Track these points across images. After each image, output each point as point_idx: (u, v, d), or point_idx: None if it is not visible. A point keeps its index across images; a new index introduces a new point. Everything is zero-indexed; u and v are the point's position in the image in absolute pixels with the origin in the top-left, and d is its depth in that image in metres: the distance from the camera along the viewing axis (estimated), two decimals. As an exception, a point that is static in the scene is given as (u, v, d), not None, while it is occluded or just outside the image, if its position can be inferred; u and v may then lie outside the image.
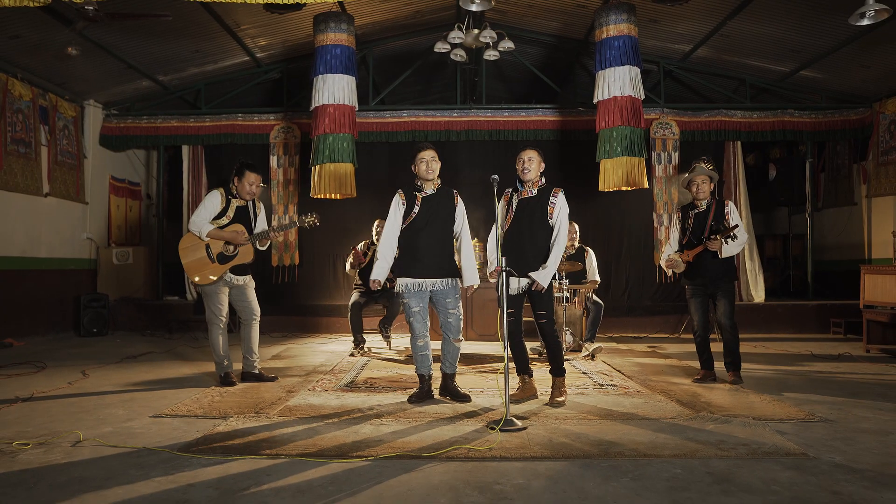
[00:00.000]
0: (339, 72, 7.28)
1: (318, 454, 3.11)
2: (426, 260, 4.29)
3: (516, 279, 4.21)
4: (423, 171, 4.34)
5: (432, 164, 4.34)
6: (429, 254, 4.30)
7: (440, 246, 4.34)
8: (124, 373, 5.56)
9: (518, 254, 4.19)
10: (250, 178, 4.88)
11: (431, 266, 4.30)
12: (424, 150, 4.36)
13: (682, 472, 2.85)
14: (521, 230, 4.29)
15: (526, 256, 4.23)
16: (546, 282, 4.18)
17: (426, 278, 4.31)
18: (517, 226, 4.32)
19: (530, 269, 4.20)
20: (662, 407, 4.14)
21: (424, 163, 4.33)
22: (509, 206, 4.40)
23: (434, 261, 4.31)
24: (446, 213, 4.37)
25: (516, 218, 4.34)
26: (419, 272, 4.29)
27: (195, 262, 4.83)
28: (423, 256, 4.29)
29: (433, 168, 4.35)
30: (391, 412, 4.01)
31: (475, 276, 4.43)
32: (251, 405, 4.18)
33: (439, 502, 2.51)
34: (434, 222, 4.33)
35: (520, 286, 4.27)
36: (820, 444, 3.30)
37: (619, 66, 7.17)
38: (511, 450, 3.16)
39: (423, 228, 4.31)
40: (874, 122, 9.16)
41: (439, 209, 4.36)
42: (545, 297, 4.27)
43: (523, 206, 4.34)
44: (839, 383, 5.03)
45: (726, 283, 4.90)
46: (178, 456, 3.10)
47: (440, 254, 4.34)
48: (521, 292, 4.31)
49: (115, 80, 8.79)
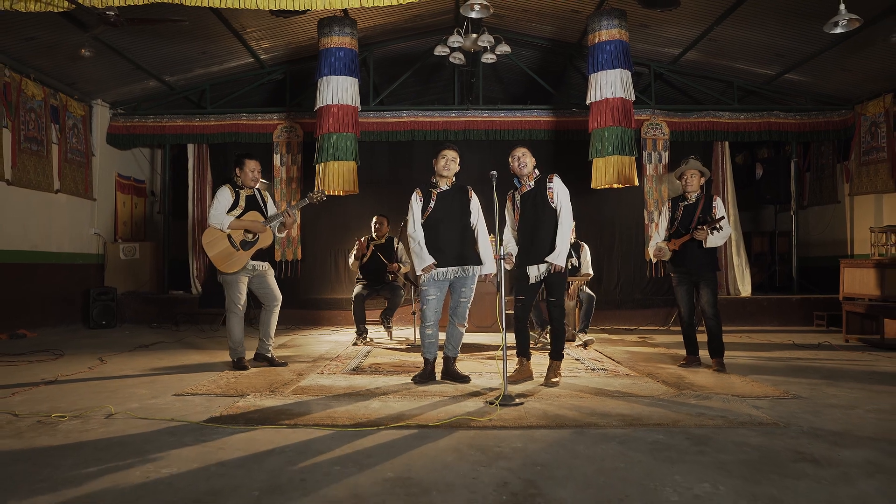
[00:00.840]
0: (342, 73, 7.58)
1: (333, 424, 3.41)
2: (447, 251, 4.61)
3: (534, 267, 4.57)
4: (441, 166, 4.64)
5: (451, 163, 4.64)
6: (449, 245, 4.61)
7: (459, 237, 4.65)
8: (140, 359, 5.84)
9: (533, 244, 4.57)
10: (250, 165, 5.21)
11: (450, 257, 4.62)
12: (447, 149, 4.67)
13: (665, 437, 3.17)
14: (530, 222, 4.64)
15: (540, 245, 4.58)
16: (562, 261, 4.52)
17: (448, 267, 4.62)
18: (525, 219, 4.67)
19: (546, 255, 4.55)
20: (649, 387, 4.45)
21: (444, 159, 4.63)
22: (514, 204, 4.75)
23: (455, 251, 4.62)
24: (461, 207, 4.68)
25: (523, 213, 4.68)
26: (441, 262, 4.60)
27: (221, 254, 5.13)
28: (443, 247, 4.61)
29: (451, 167, 4.64)
30: (397, 391, 4.31)
31: (492, 265, 4.72)
32: (266, 385, 4.48)
33: (445, 460, 2.81)
34: (450, 216, 4.64)
35: (539, 273, 4.61)
36: (790, 415, 3.62)
37: (610, 69, 7.50)
38: (509, 420, 3.46)
39: (441, 222, 4.63)
40: (856, 124, 9.52)
41: (454, 204, 4.67)
42: (558, 285, 4.61)
43: (526, 200, 4.68)
44: (816, 369, 5.36)
45: (709, 272, 5.23)
46: (205, 426, 3.40)
47: (460, 244, 4.64)
48: (539, 280, 4.65)
49: (122, 81, 9.06)
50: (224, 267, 5.11)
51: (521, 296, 4.68)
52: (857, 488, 2.45)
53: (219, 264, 5.12)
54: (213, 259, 5.13)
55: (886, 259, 6.93)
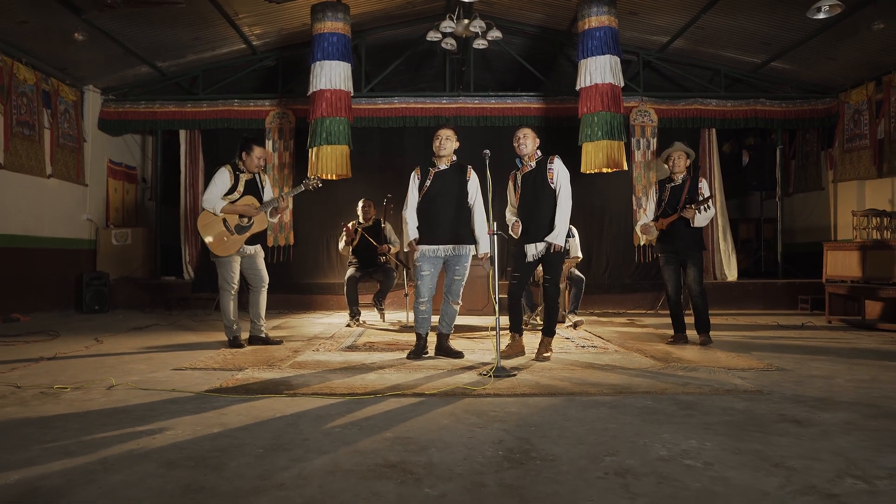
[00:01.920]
0: (335, 58, 7.64)
1: (332, 393, 3.50)
2: (441, 228, 4.69)
3: (532, 245, 4.69)
4: (436, 147, 4.74)
5: (445, 142, 4.72)
6: (443, 223, 4.70)
7: (454, 215, 4.72)
8: (136, 340, 5.91)
9: (532, 223, 4.67)
10: (257, 151, 5.25)
11: (446, 233, 4.70)
12: (441, 129, 4.78)
13: (653, 403, 3.28)
14: (530, 201, 4.74)
15: (539, 224, 4.68)
16: (561, 241, 4.63)
17: (441, 244, 4.70)
18: (525, 199, 4.77)
19: (544, 234, 4.66)
20: (638, 361, 4.58)
21: (438, 140, 4.73)
22: (515, 184, 4.85)
23: (448, 229, 4.70)
24: (458, 186, 4.76)
25: (524, 192, 4.78)
26: (433, 239, 4.69)
27: (217, 238, 5.18)
28: (438, 225, 4.70)
29: (446, 146, 4.72)
30: (392, 365, 4.41)
31: (487, 245, 4.78)
32: (263, 361, 4.56)
33: (442, 423, 2.91)
34: (447, 194, 4.72)
35: (536, 252, 4.72)
36: (773, 385, 3.75)
37: (600, 55, 7.60)
38: (503, 389, 3.57)
39: (437, 199, 4.71)
40: (840, 112, 9.69)
41: (451, 182, 4.75)
42: (555, 264, 4.72)
43: (527, 180, 4.78)
44: (799, 346, 5.51)
45: (695, 251, 5.36)
46: (206, 395, 3.48)
47: (454, 222, 4.72)
48: (537, 259, 4.75)
49: (114, 66, 9.06)
50: (219, 250, 5.16)
51: (517, 273, 4.79)
52: (835, 443, 2.58)
53: (214, 248, 5.18)
54: (208, 243, 5.17)
55: (868, 242, 7.09)
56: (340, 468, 2.31)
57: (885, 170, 8.84)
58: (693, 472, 2.25)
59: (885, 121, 8.84)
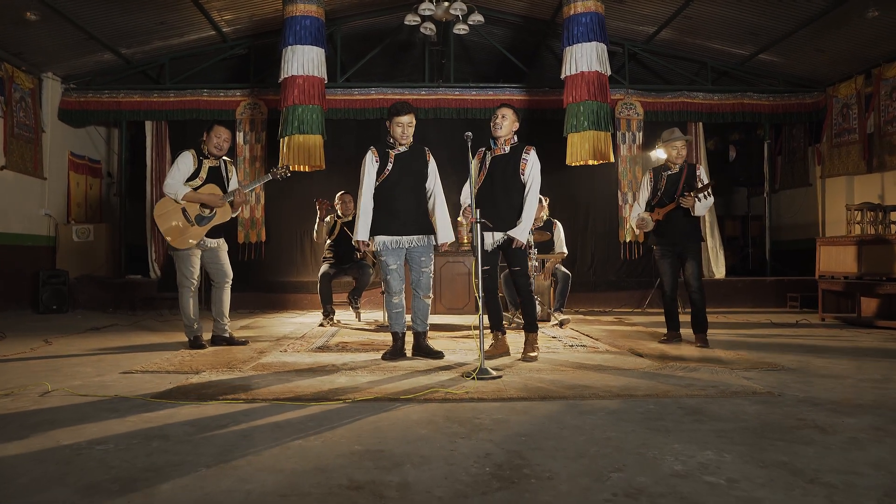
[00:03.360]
0: (308, 43, 7.23)
1: (296, 398, 3.11)
2: (402, 217, 4.30)
3: (490, 234, 4.28)
4: (399, 134, 4.31)
5: (408, 129, 4.31)
6: (404, 211, 4.30)
7: (415, 203, 4.35)
8: (90, 341, 5.45)
9: (491, 209, 4.23)
10: (218, 131, 4.83)
11: (408, 223, 4.31)
12: (403, 115, 4.28)
13: (656, 407, 2.94)
14: (495, 186, 4.34)
15: (499, 211, 4.27)
16: (524, 237, 4.25)
17: (403, 235, 4.31)
18: (490, 182, 4.36)
19: (504, 224, 4.26)
20: (632, 361, 4.24)
21: (401, 127, 4.29)
22: (482, 163, 4.44)
23: (410, 217, 4.31)
24: (419, 171, 4.38)
25: (489, 174, 4.37)
26: (396, 229, 4.29)
27: (174, 228, 4.75)
28: (399, 213, 4.29)
29: (408, 133, 4.32)
30: (365, 366, 4.02)
31: (450, 233, 4.44)
32: (223, 363, 4.14)
33: (419, 433, 2.53)
34: (407, 179, 4.33)
35: (494, 241, 4.32)
36: (783, 385, 3.43)
37: (586, 42, 7.28)
38: (487, 393, 3.20)
39: (398, 185, 4.31)
40: (828, 106, 9.47)
41: (412, 166, 4.36)
42: (520, 253, 4.33)
43: (496, 163, 4.38)
44: (799, 345, 5.21)
45: (694, 243, 5.03)
46: (152, 402, 3.07)
47: (415, 210, 4.34)
48: (496, 247, 4.36)
49: (74, 52, 8.55)
50: (176, 242, 4.74)
51: (485, 266, 4.39)
52: (870, 453, 2.25)
53: (171, 239, 4.75)
54: (164, 233, 4.76)
55: (866, 236, 6.84)
56: (297, 490, 1.93)
57: (874, 165, 8.63)
58: (718, 491, 1.90)
59: (874, 115, 8.63)
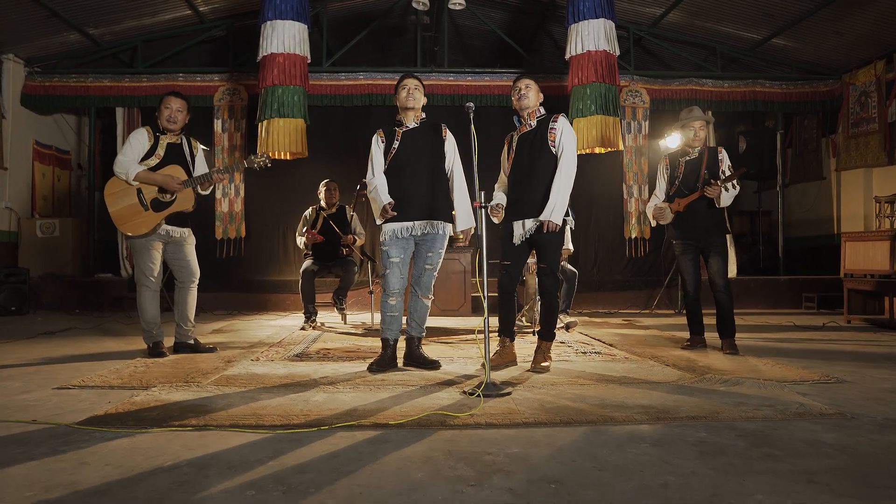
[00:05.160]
0: (289, 18, 6.61)
1: (258, 425, 2.49)
2: (414, 201, 3.72)
3: (520, 223, 3.72)
4: (403, 97, 3.78)
5: (415, 92, 3.79)
6: (417, 193, 3.73)
7: (429, 185, 3.77)
8: (35, 348, 4.80)
9: (522, 195, 3.71)
10: (168, 101, 4.25)
11: (422, 207, 3.73)
12: (407, 78, 3.83)
13: (709, 435, 2.34)
14: (523, 167, 3.77)
15: (532, 195, 3.71)
16: (558, 218, 3.63)
17: (416, 220, 3.72)
18: (519, 164, 3.80)
19: (537, 209, 3.67)
20: (660, 371, 3.65)
21: (406, 90, 3.78)
22: (510, 147, 3.89)
23: (425, 201, 3.73)
24: (433, 148, 3.81)
25: (517, 157, 3.82)
26: (407, 214, 3.71)
27: (124, 210, 4.12)
28: (411, 197, 3.72)
29: (416, 97, 3.79)
30: (348, 379, 3.41)
31: (470, 219, 3.86)
32: (181, 375, 3.52)
33: (412, 478, 1.93)
34: (419, 158, 3.76)
35: (524, 231, 3.74)
36: (850, 403, 2.85)
37: (593, 18, 6.70)
38: (497, 416, 2.60)
39: (408, 165, 3.74)
40: (844, 94, 8.94)
41: (424, 144, 3.80)
42: (552, 247, 3.73)
43: (523, 142, 3.82)
44: (838, 351, 4.65)
45: (718, 237, 4.46)
46: (75, 430, 2.45)
47: (431, 193, 3.76)
48: (527, 238, 3.77)
49: (36, 31, 7.87)
50: (126, 227, 4.11)
51: (507, 261, 3.82)
52: None
53: (119, 223, 4.12)
54: (112, 216, 4.13)
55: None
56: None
57: (896, 156, 8.11)
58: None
59: (896, 102, 8.11)
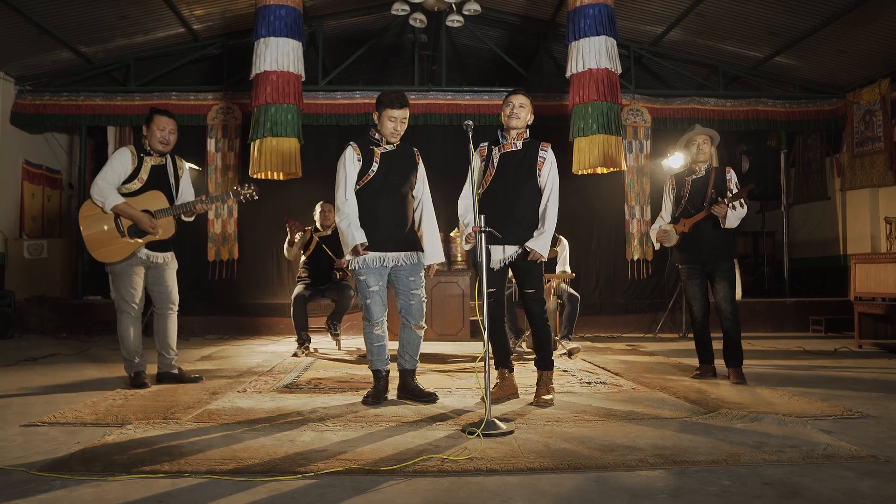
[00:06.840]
0: (283, 35, 6.46)
1: (237, 471, 2.27)
2: (388, 230, 3.50)
3: (499, 249, 3.49)
4: (389, 130, 3.53)
5: (401, 125, 3.56)
6: (391, 222, 3.51)
7: (403, 213, 3.57)
8: (14, 376, 4.57)
9: (502, 218, 3.43)
10: (161, 122, 4.04)
11: (394, 237, 3.52)
12: (396, 108, 3.51)
13: (732, 483, 2.13)
14: (506, 190, 3.54)
15: (512, 221, 3.48)
16: (545, 251, 3.45)
17: (388, 252, 3.51)
18: (500, 184, 3.56)
19: (517, 237, 3.47)
20: (670, 404, 3.43)
21: (393, 122, 3.52)
22: (488, 161, 3.64)
23: (397, 231, 3.53)
24: (407, 174, 3.60)
25: (499, 175, 3.57)
26: (380, 244, 3.49)
27: (100, 235, 3.94)
28: (383, 225, 3.50)
29: (400, 130, 3.57)
30: (339, 415, 3.19)
31: (439, 253, 3.69)
32: (160, 410, 3.30)
33: (407, 536, 1.72)
34: (394, 184, 3.55)
35: (504, 256, 3.52)
36: (880, 443, 2.63)
37: (594, 35, 6.56)
38: (499, 460, 2.38)
39: (383, 191, 3.52)
40: (847, 113, 8.82)
41: (400, 169, 3.59)
42: (535, 272, 3.53)
43: (507, 162, 3.59)
44: (854, 379, 4.43)
45: (726, 260, 4.28)
46: (36, 477, 2.22)
47: (403, 222, 3.56)
48: (505, 265, 3.56)
49: (27, 49, 7.74)
50: (99, 253, 3.92)
51: (490, 288, 3.58)
52: None
53: (93, 248, 3.93)
54: (86, 239, 3.94)
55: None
56: None
57: (903, 176, 7.96)
58: None
59: (902, 121, 7.98)
